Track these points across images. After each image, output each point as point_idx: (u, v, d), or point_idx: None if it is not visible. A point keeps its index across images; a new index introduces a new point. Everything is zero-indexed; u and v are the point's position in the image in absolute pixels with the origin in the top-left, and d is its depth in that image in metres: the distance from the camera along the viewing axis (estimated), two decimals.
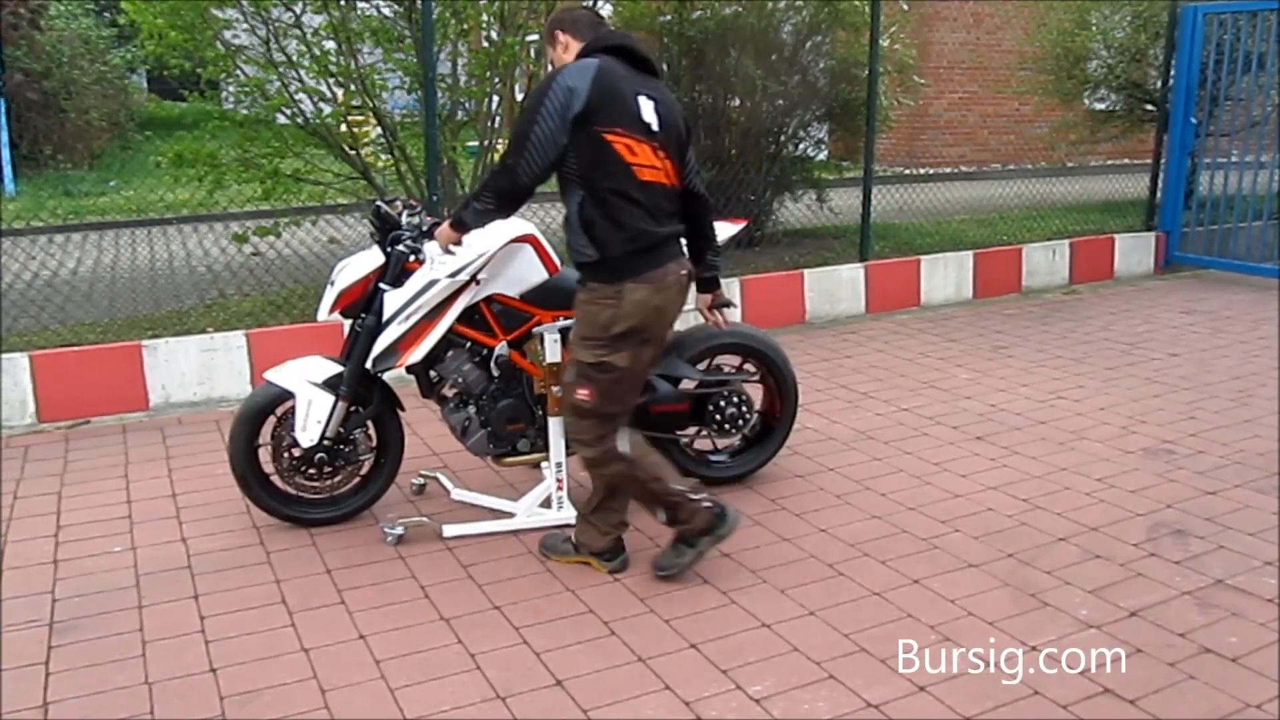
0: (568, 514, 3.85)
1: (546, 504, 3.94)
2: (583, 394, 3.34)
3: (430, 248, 3.65)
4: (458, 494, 4.09)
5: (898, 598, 3.39)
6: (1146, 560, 3.64)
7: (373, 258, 3.78)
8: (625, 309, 3.26)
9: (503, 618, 3.29)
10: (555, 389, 3.73)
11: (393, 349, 3.72)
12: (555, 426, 3.81)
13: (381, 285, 3.72)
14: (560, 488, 3.90)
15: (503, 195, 3.32)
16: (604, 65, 3.26)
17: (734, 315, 6.70)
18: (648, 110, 3.28)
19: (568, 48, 3.39)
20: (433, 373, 3.88)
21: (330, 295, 3.80)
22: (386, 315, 3.70)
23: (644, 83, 3.35)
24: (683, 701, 2.84)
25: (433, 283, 3.64)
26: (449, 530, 3.85)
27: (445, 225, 3.46)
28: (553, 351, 3.76)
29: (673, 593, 3.44)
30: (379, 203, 3.82)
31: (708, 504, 3.45)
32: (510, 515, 3.93)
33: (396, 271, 3.71)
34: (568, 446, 3.82)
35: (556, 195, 3.35)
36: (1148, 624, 3.21)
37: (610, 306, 3.27)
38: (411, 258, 3.71)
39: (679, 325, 3.74)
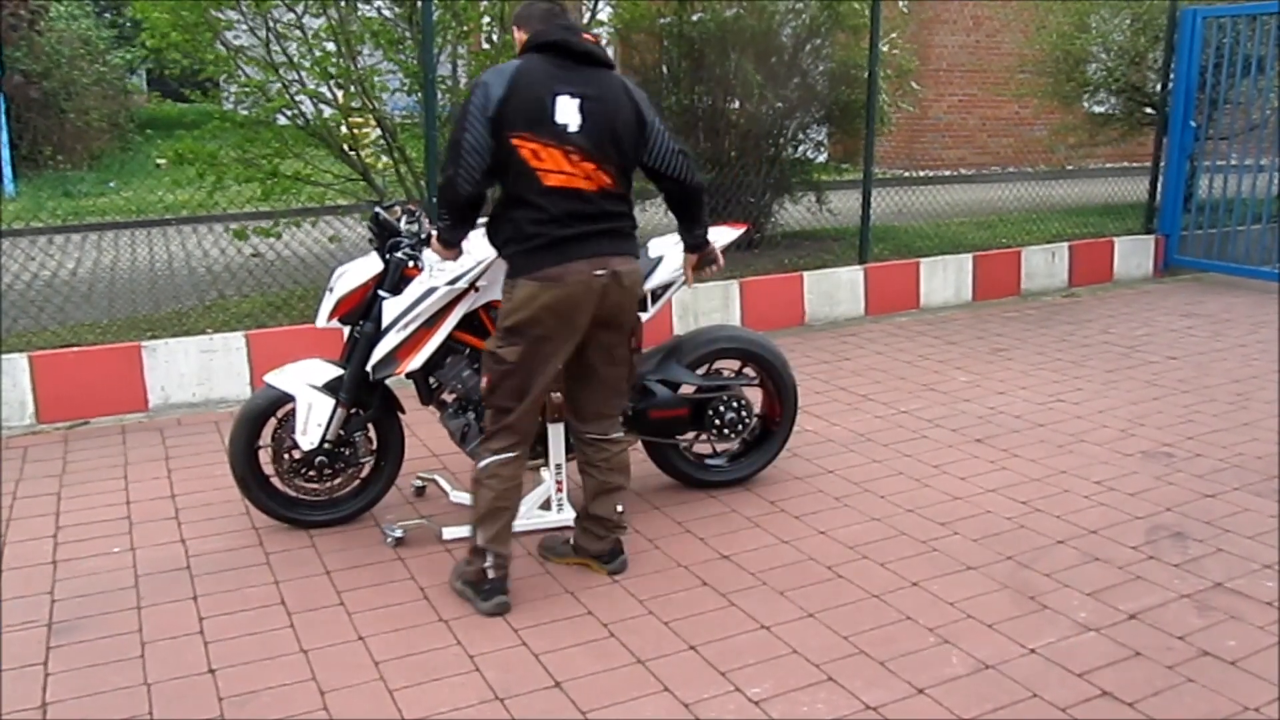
0: (567, 516, 3.85)
1: (546, 506, 3.94)
2: (484, 380, 3.36)
3: (429, 255, 3.65)
4: (457, 496, 4.09)
5: (897, 600, 3.40)
6: (1145, 563, 3.64)
7: (371, 264, 3.77)
8: (514, 303, 3.25)
9: (501, 619, 3.29)
10: (555, 394, 3.72)
11: (391, 356, 3.72)
12: (554, 431, 3.82)
13: (380, 292, 3.72)
14: (559, 490, 3.90)
15: (452, 208, 3.33)
16: (525, 65, 3.23)
17: (728, 308, 6.74)
18: (566, 111, 3.19)
19: (521, 44, 3.37)
20: (432, 379, 3.88)
21: (329, 302, 3.80)
22: (385, 322, 3.69)
23: (575, 79, 3.24)
24: (682, 703, 2.84)
25: (431, 290, 3.63)
26: (449, 533, 3.85)
27: (435, 242, 3.48)
28: None
29: (672, 595, 3.45)
30: (378, 209, 3.82)
31: (494, 574, 3.33)
32: None
33: (395, 278, 3.71)
34: (567, 449, 3.82)
35: None
36: (1146, 627, 3.21)
37: (506, 300, 3.29)
38: (410, 264, 3.70)
39: (679, 329, 3.73)
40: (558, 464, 3.88)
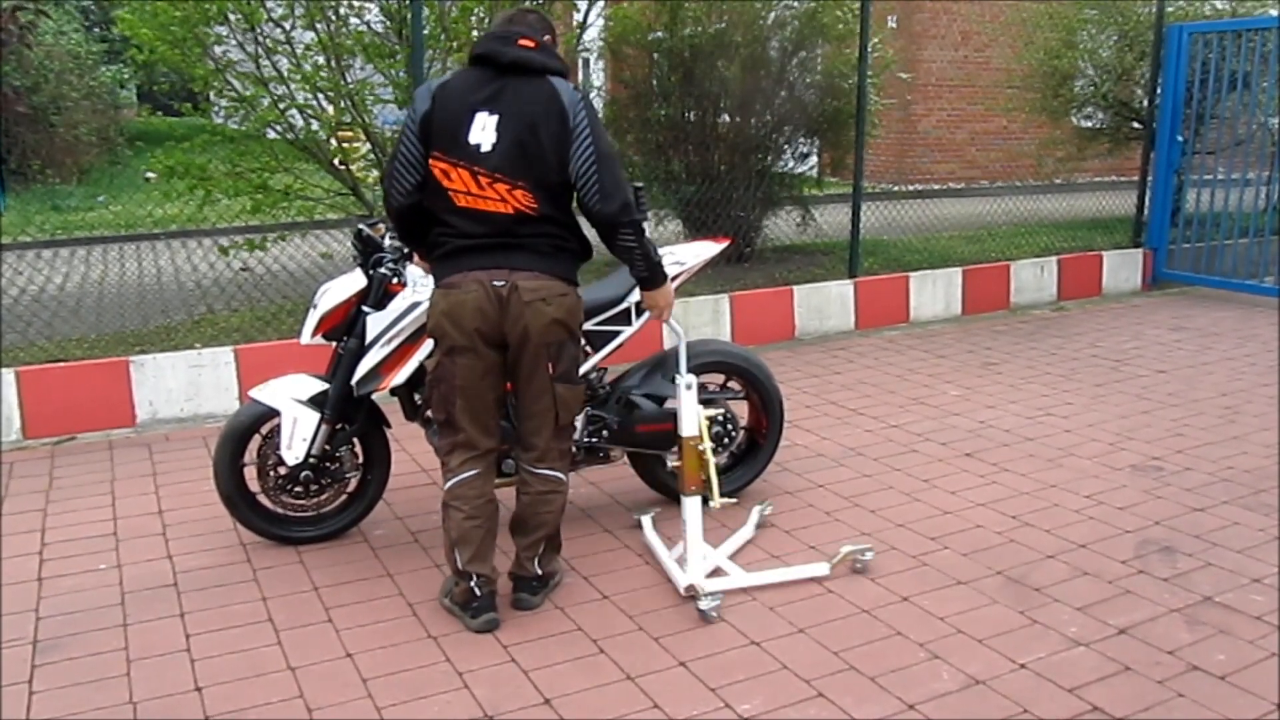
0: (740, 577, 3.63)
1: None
2: None
3: (412, 270, 3.65)
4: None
5: (887, 615, 3.39)
6: (1135, 577, 3.64)
7: (355, 280, 3.76)
8: (429, 313, 3.30)
9: (491, 635, 3.27)
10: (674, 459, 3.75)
11: (375, 372, 3.71)
12: (689, 506, 3.60)
13: (364, 308, 3.71)
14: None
15: (394, 222, 3.39)
16: (451, 80, 3.22)
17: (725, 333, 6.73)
18: (481, 130, 3.12)
19: None
20: (417, 395, 3.87)
21: (313, 319, 3.78)
22: (369, 338, 3.69)
23: (496, 94, 3.14)
24: None
25: (415, 305, 3.62)
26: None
27: (417, 257, 3.55)
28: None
29: (661, 610, 3.43)
30: (361, 226, 3.82)
31: (481, 592, 3.30)
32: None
33: (379, 294, 3.70)
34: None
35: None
36: (1136, 641, 3.21)
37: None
38: (394, 280, 3.70)
39: (669, 344, 3.69)
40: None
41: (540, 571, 3.48)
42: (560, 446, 3.44)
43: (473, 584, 3.30)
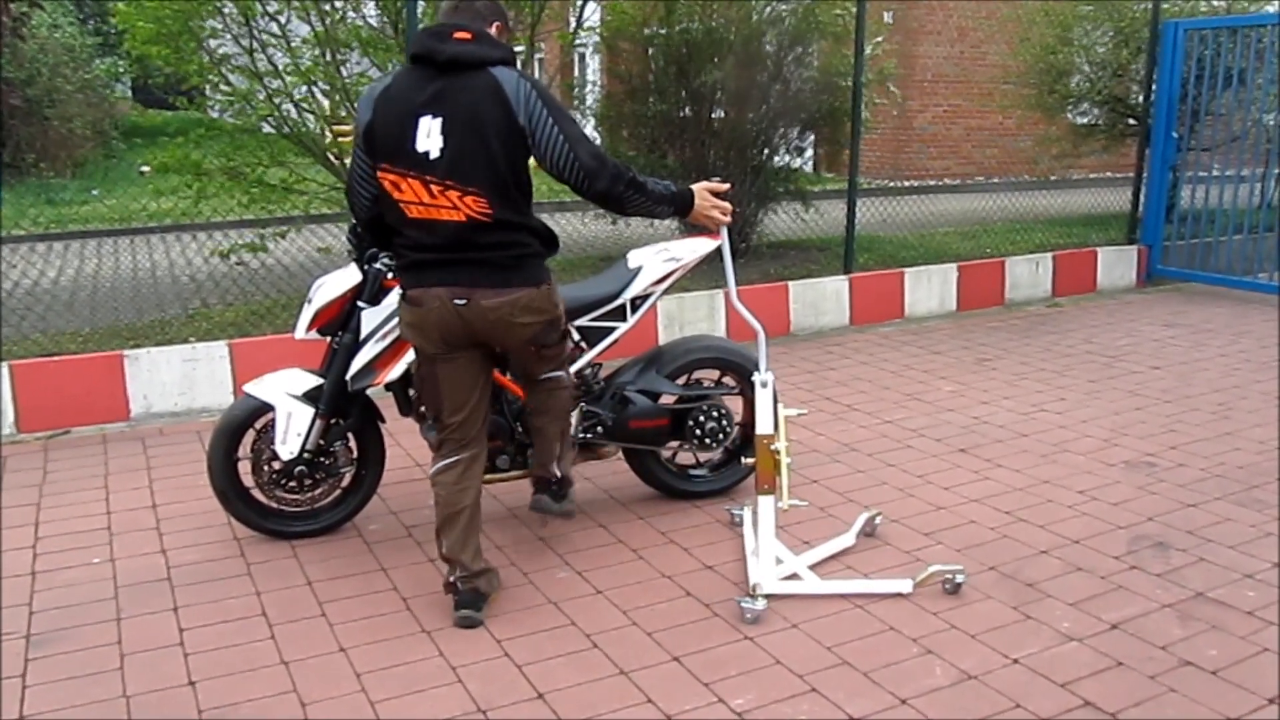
0: (813, 584, 3.55)
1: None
2: None
3: None
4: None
5: (880, 610, 3.39)
6: (1127, 573, 3.65)
7: (350, 275, 3.76)
8: (399, 324, 3.38)
9: (484, 630, 3.28)
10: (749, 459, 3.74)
11: (370, 367, 3.72)
12: (764, 503, 3.59)
13: (359, 303, 3.71)
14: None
15: (364, 233, 3.44)
16: (391, 85, 3.10)
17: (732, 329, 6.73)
18: (426, 136, 3.00)
19: None
20: (411, 390, 3.86)
21: (307, 313, 3.78)
22: (364, 333, 3.69)
23: (438, 95, 3.02)
24: (665, 715, 2.83)
25: None
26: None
27: None
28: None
29: (655, 605, 3.44)
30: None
31: (462, 586, 3.29)
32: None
33: (374, 289, 3.70)
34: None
35: (580, 204, 3.25)
36: (1128, 636, 3.22)
37: None
38: (389, 275, 3.70)
39: (665, 339, 3.70)
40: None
41: (559, 474, 3.63)
42: (551, 362, 3.49)
43: (453, 577, 3.32)
